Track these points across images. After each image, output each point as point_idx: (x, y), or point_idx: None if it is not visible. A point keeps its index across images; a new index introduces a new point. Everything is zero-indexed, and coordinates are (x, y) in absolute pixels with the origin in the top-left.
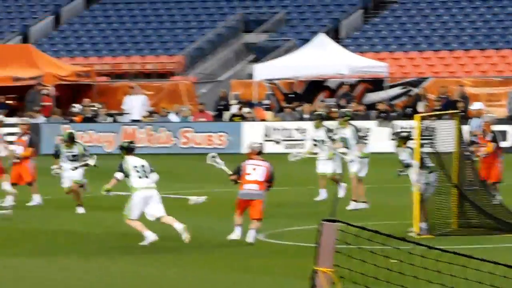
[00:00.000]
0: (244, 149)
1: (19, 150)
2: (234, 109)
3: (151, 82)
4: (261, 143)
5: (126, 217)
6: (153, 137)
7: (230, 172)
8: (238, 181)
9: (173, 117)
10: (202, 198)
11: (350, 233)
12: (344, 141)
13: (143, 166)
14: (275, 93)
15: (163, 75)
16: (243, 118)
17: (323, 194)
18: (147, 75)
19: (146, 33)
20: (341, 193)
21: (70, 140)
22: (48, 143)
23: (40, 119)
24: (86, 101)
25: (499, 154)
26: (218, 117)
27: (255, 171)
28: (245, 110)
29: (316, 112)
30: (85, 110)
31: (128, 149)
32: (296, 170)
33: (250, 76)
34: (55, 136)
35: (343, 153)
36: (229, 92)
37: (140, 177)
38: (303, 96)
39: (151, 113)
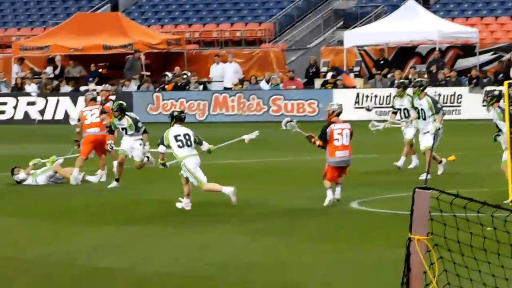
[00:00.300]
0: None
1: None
2: (324, 76)
3: (242, 49)
4: (340, 104)
5: (201, 185)
6: (244, 105)
7: (306, 134)
8: (325, 147)
9: (263, 85)
10: (254, 134)
11: (445, 201)
12: (419, 112)
13: (187, 135)
14: (365, 60)
15: (252, 42)
16: (334, 85)
17: (414, 161)
18: (236, 42)
19: (234, 0)
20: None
21: (119, 111)
22: (139, 111)
23: (132, 87)
24: (177, 69)
25: None
26: (308, 84)
27: (342, 135)
28: (335, 77)
29: (400, 80)
30: (176, 78)
31: (177, 118)
32: (387, 138)
33: (340, 43)
34: (147, 104)
35: (401, 123)
36: (319, 59)
37: (180, 146)
38: (393, 62)
39: (241, 81)
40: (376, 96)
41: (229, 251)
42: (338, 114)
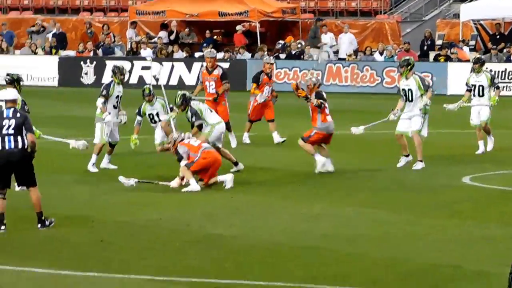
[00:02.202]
0: (450, 90)
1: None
2: (439, 49)
3: (357, 20)
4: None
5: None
6: (358, 76)
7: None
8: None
9: (377, 57)
10: (81, 143)
11: None
12: (406, 93)
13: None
14: (481, 34)
15: (368, 13)
16: (448, 58)
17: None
18: (352, 13)
19: None
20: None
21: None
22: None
23: (246, 55)
24: (291, 38)
25: None
26: (423, 57)
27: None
28: (450, 50)
29: (477, 56)
30: (291, 47)
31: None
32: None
33: (455, 16)
34: None
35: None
36: (434, 32)
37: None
38: (509, 37)
39: (355, 52)
40: (491, 70)
41: (337, 222)
42: (319, 86)
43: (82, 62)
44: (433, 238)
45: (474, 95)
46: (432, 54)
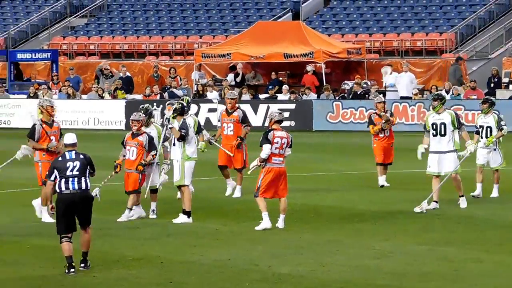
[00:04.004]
0: None
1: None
2: (506, 87)
3: (422, 59)
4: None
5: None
6: (424, 114)
7: None
8: None
9: (444, 95)
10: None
11: None
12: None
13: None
14: None
15: (433, 52)
16: None
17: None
18: (417, 52)
19: (416, 10)
20: None
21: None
22: (319, 119)
23: (311, 95)
24: (357, 78)
25: None
26: (489, 95)
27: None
28: None
29: (485, 97)
30: (356, 87)
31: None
32: None
33: None
34: (326, 113)
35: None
36: (501, 69)
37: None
38: None
39: (421, 91)
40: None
41: (408, 260)
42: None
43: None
44: (505, 275)
45: (482, 137)
46: (500, 92)
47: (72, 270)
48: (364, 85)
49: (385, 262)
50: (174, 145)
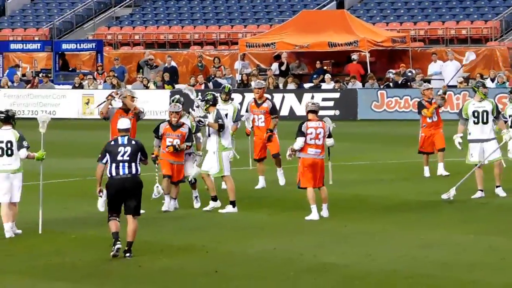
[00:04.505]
0: None
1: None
2: None
3: (467, 47)
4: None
5: None
6: None
7: None
8: None
9: (489, 83)
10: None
11: None
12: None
13: None
14: None
15: (478, 40)
16: None
17: None
18: (462, 40)
19: None
20: None
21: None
22: (364, 108)
23: (357, 84)
24: (401, 66)
25: None
26: None
27: None
28: None
29: None
30: (396, 77)
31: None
32: None
33: None
34: (371, 101)
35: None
36: None
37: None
38: None
39: (466, 79)
40: None
41: (452, 250)
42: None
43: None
44: None
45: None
46: None
47: (118, 244)
48: (409, 74)
49: (431, 251)
50: (209, 136)
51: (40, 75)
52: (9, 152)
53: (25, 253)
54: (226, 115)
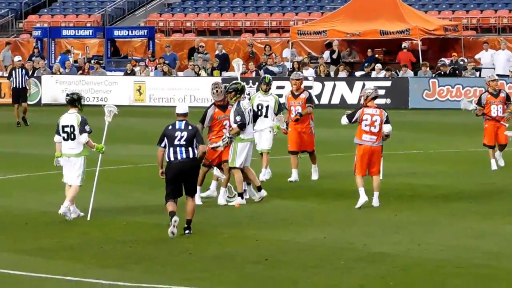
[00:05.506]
0: None
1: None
2: None
3: None
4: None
5: None
6: None
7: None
8: None
9: None
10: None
11: None
12: None
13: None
14: None
15: None
16: None
17: None
18: None
19: None
20: None
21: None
22: (415, 97)
23: (408, 73)
24: (453, 55)
25: None
26: None
27: None
28: None
29: None
30: (443, 67)
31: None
32: None
33: None
34: (422, 90)
35: None
36: None
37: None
38: None
39: None
40: None
41: (504, 240)
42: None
43: (244, 83)
44: None
45: None
46: None
47: (174, 219)
48: (461, 62)
49: (482, 242)
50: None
51: (92, 61)
52: (72, 136)
53: (76, 239)
54: (268, 106)
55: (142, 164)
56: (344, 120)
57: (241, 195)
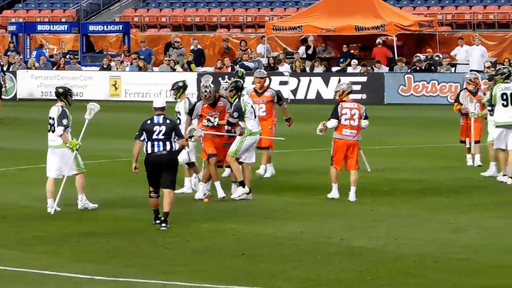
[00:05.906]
0: None
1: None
2: None
3: (495, 32)
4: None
5: None
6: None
7: None
8: None
9: None
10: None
11: None
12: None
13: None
14: None
15: (505, 25)
16: None
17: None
18: (489, 25)
19: None
20: None
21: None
22: (390, 93)
23: (383, 69)
24: (428, 51)
25: None
26: None
27: None
28: None
29: None
30: (418, 63)
31: None
32: None
33: None
34: (398, 86)
35: None
36: None
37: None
38: None
39: (494, 64)
40: None
41: (482, 233)
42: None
43: (220, 78)
44: None
45: None
46: None
47: (157, 221)
48: (436, 58)
49: (460, 235)
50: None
51: (68, 56)
52: (53, 128)
53: (54, 233)
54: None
55: (119, 159)
56: (333, 122)
57: (242, 183)
